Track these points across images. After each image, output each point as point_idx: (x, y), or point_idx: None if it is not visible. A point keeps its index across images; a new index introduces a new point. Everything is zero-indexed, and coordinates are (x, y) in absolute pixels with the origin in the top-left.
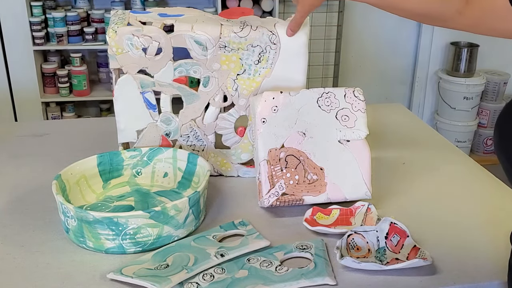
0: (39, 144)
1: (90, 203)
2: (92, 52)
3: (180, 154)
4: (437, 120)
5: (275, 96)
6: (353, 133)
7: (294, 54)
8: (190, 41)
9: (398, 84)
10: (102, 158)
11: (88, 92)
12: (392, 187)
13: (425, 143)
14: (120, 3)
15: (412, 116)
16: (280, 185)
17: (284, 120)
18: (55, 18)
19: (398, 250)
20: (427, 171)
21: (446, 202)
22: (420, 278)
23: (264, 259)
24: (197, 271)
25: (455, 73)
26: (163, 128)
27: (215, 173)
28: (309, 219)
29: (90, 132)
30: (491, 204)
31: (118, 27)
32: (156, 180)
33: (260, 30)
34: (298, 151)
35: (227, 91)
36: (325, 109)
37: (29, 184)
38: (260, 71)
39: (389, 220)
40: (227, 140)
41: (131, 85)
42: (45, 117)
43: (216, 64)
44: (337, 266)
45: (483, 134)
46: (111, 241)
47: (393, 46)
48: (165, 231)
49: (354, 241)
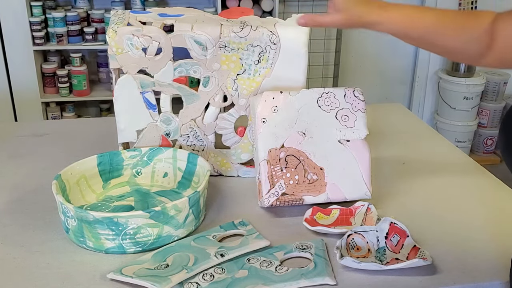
0: (39, 144)
1: (90, 203)
2: (92, 52)
3: (180, 154)
4: (437, 120)
5: (275, 96)
6: (353, 133)
7: (294, 54)
8: (190, 41)
9: (398, 84)
10: (102, 158)
11: (88, 92)
12: (392, 187)
13: (425, 143)
14: (120, 3)
15: (412, 116)
16: (280, 185)
17: (284, 120)
18: (55, 18)
19: (398, 250)
20: (427, 171)
21: (446, 202)
22: (420, 278)
23: (264, 259)
24: (197, 271)
25: (455, 73)
26: (163, 128)
27: (215, 173)
28: (309, 219)
29: (90, 132)
30: (491, 204)
31: (118, 27)
32: (156, 180)
33: (260, 30)
34: (298, 151)
35: (227, 91)
36: (325, 109)
37: (29, 184)
38: (260, 71)
39: (389, 220)
40: (227, 140)
41: (131, 85)
42: (45, 117)
43: (216, 64)
44: (337, 266)
45: (483, 134)
46: (111, 241)
47: (393, 46)
48: (165, 231)
49: (354, 241)
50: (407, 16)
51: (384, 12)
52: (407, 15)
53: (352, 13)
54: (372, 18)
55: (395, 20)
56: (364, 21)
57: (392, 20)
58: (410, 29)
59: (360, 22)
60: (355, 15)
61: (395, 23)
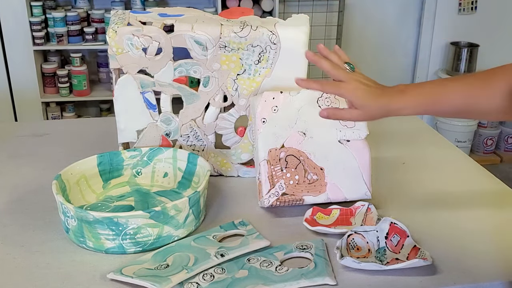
0: (39, 144)
1: (90, 203)
2: (92, 52)
3: (180, 154)
4: (437, 120)
5: (275, 96)
6: (353, 133)
7: (294, 54)
8: (190, 41)
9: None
10: (102, 158)
11: (88, 92)
12: (392, 187)
13: (425, 143)
14: (120, 3)
15: (412, 116)
16: (280, 185)
17: (284, 120)
18: (55, 18)
19: (398, 250)
20: (427, 171)
21: (446, 202)
22: (420, 278)
23: (264, 259)
24: (197, 271)
25: (455, 73)
26: (163, 128)
27: (215, 173)
28: (309, 219)
29: (90, 132)
30: (491, 204)
31: (118, 27)
32: (156, 180)
33: (260, 30)
34: (298, 151)
35: (227, 91)
36: None
37: (29, 184)
38: (260, 71)
39: (389, 220)
40: (227, 140)
41: (131, 85)
42: (45, 117)
43: (216, 64)
44: (337, 266)
45: (483, 134)
46: (111, 241)
47: (393, 46)
48: (165, 231)
49: (354, 241)
50: (430, 94)
51: (405, 96)
52: (429, 94)
53: (372, 108)
54: (393, 106)
55: (417, 102)
56: (386, 111)
57: (415, 102)
58: (438, 105)
59: (383, 113)
60: (374, 110)
61: (418, 105)
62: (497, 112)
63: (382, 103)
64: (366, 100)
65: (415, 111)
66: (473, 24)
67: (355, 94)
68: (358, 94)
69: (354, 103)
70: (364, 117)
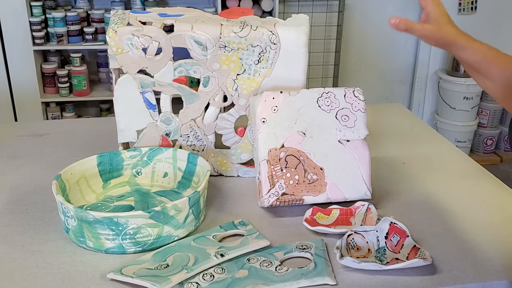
0: (39, 144)
1: (90, 203)
2: (92, 52)
3: (180, 154)
4: (437, 120)
5: (275, 96)
6: (353, 133)
7: (294, 54)
8: (190, 41)
9: (398, 84)
10: (102, 158)
11: (88, 92)
12: (392, 187)
13: (425, 143)
14: (120, 3)
15: (412, 116)
16: (280, 185)
17: (284, 120)
18: (55, 18)
19: (398, 250)
20: (427, 171)
21: (446, 202)
22: (420, 278)
23: (264, 259)
24: (197, 271)
25: (455, 73)
26: (163, 128)
27: (215, 173)
28: (309, 219)
29: (90, 132)
30: (491, 204)
31: (118, 27)
32: (156, 180)
33: (260, 30)
34: (298, 151)
35: (227, 91)
36: (325, 109)
37: (29, 184)
38: (260, 71)
39: (389, 220)
40: (227, 140)
41: (131, 85)
42: (45, 117)
43: (216, 64)
44: (337, 266)
45: (483, 134)
46: (111, 241)
47: (393, 46)
48: (165, 231)
49: (354, 241)
50: (491, 51)
51: (472, 40)
52: (490, 50)
53: (443, 29)
54: (461, 41)
55: (481, 50)
56: (451, 40)
57: (478, 50)
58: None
59: (447, 40)
60: (444, 31)
61: (480, 52)
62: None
63: (452, 32)
64: (446, 17)
65: (471, 57)
66: (473, 24)
67: (440, 8)
68: (442, 9)
69: (433, 15)
70: (432, 33)
